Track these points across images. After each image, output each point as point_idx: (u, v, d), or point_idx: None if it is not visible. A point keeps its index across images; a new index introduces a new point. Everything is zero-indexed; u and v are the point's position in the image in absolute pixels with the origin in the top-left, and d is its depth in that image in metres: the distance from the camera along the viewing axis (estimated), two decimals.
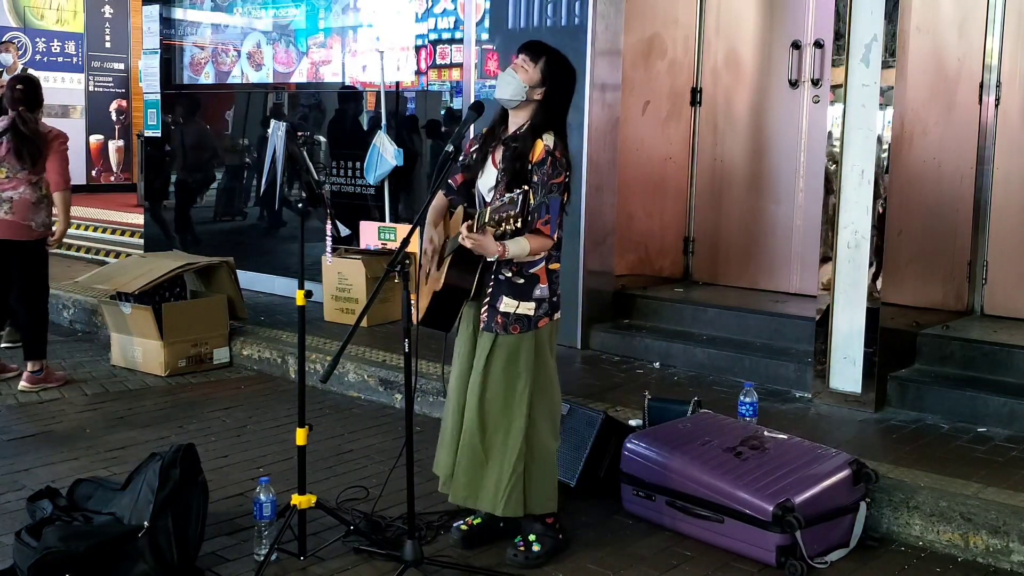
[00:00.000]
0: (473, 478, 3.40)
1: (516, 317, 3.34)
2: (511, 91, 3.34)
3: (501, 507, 3.36)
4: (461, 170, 3.51)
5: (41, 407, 5.17)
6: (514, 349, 3.35)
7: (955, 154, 5.30)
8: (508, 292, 3.35)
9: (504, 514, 3.38)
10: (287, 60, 7.64)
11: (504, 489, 3.34)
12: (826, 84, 5.77)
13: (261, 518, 3.36)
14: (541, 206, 3.27)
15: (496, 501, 3.37)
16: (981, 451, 4.17)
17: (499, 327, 3.35)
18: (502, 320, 3.35)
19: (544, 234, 3.28)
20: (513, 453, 3.35)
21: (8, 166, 5.43)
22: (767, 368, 5.17)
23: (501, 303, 3.35)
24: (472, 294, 3.39)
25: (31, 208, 5.45)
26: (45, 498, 3.51)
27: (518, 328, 3.35)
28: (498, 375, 3.36)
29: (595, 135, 5.76)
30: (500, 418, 3.37)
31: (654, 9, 6.26)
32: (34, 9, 13.73)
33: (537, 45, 3.42)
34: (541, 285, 3.37)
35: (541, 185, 3.28)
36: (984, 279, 5.52)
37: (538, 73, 3.34)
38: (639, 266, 6.43)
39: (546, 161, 3.28)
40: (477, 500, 3.42)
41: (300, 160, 6.69)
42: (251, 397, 5.44)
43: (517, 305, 3.34)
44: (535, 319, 3.36)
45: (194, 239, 8.26)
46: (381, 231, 6.66)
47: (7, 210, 5.42)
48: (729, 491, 3.48)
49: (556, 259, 3.42)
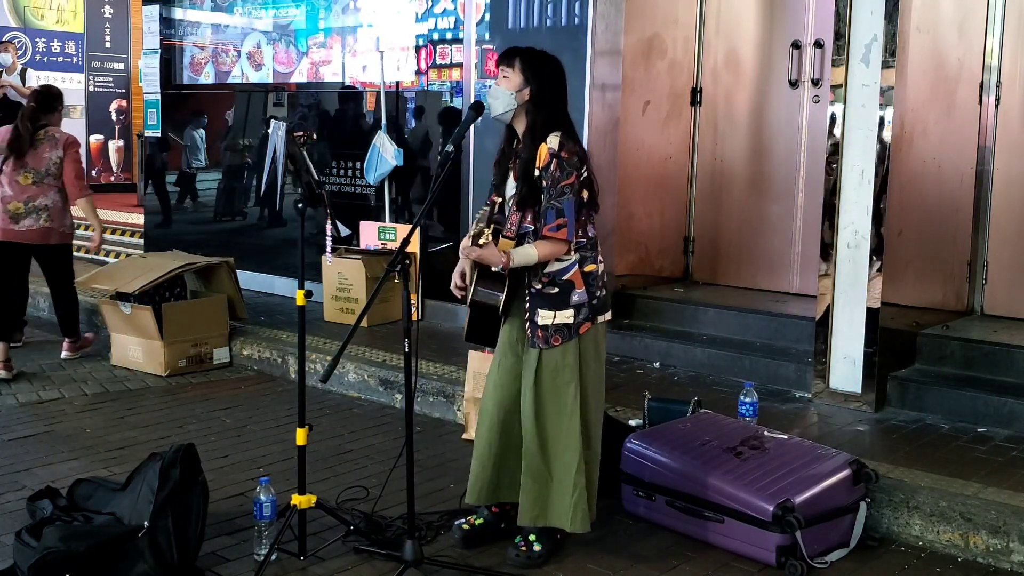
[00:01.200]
0: (540, 497, 3.36)
1: (556, 328, 3.31)
2: (502, 104, 3.32)
3: (571, 523, 3.33)
4: (492, 191, 3.48)
5: (41, 407, 5.18)
6: (558, 361, 3.32)
7: (955, 154, 5.30)
8: (543, 304, 3.31)
9: (573, 530, 3.34)
10: (287, 60, 7.64)
11: (571, 504, 3.32)
12: (826, 84, 5.78)
13: (261, 518, 3.36)
14: (549, 210, 3.23)
15: (567, 518, 3.33)
16: (981, 451, 4.17)
17: (541, 341, 3.31)
18: (543, 334, 3.31)
19: (555, 239, 3.24)
20: (573, 465, 3.32)
21: (33, 172, 5.77)
22: (767, 368, 5.17)
23: (539, 316, 3.31)
24: (502, 310, 3.34)
25: (62, 213, 5.92)
26: (45, 498, 3.51)
27: (559, 339, 3.31)
28: (548, 390, 3.33)
29: (595, 135, 5.76)
30: (557, 433, 3.34)
31: (654, 9, 6.26)
32: (34, 9, 13.73)
33: (508, 51, 3.39)
34: (578, 291, 3.32)
35: (548, 189, 3.24)
36: (984, 279, 5.52)
37: (518, 75, 3.31)
38: (639, 266, 6.43)
39: (551, 164, 3.24)
40: (547, 519, 3.38)
41: (300, 160, 6.69)
42: (251, 397, 5.44)
43: (554, 316, 3.30)
44: (575, 326, 3.32)
45: (194, 239, 8.26)
46: (381, 231, 6.67)
47: (45, 218, 5.82)
48: (729, 491, 3.48)
49: (592, 260, 3.37)
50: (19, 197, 5.75)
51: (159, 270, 5.86)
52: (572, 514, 3.32)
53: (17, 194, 5.75)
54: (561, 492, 3.34)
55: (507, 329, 3.45)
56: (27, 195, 5.75)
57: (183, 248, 6.97)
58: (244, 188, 8.13)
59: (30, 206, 5.76)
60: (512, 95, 3.31)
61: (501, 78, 3.34)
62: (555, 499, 3.35)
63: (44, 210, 5.78)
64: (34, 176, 5.76)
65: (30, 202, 5.76)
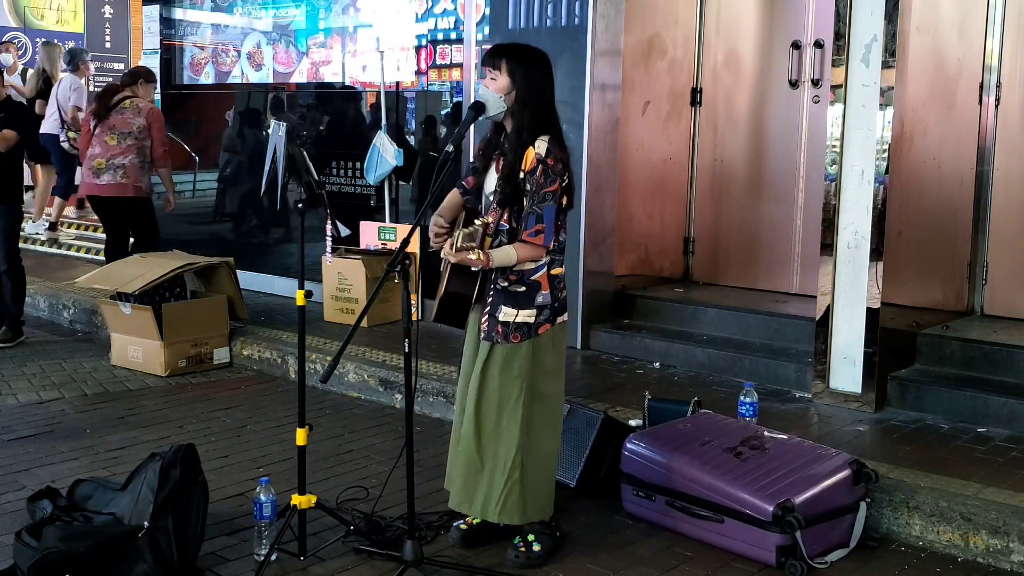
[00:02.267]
0: (468, 484, 3.40)
1: (516, 326, 3.33)
2: (493, 107, 3.31)
3: (495, 514, 3.36)
4: (472, 173, 3.51)
5: (41, 407, 5.18)
6: (510, 357, 3.34)
7: (955, 154, 5.30)
8: (507, 301, 3.33)
9: (499, 520, 3.37)
10: (287, 60, 7.64)
11: (499, 497, 3.34)
12: (826, 84, 5.78)
13: (261, 518, 3.36)
14: (530, 216, 3.24)
15: (489, 508, 3.36)
16: (981, 451, 4.17)
17: (499, 336, 3.33)
18: (502, 330, 3.33)
19: (533, 244, 3.26)
20: (508, 461, 3.34)
21: (119, 134, 6.57)
22: (767, 368, 5.17)
23: (500, 312, 3.33)
24: (475, 299, 3.37)
25: (139, 172, 6.61)
26: (45, 498, 3.51)
27: (519, 336, 3.33)
28: (494, 383, 3.35)
29: (595, 135, 5.76)
30: (496, 426, 3.36)
31: (654, 9, 6.26)
32: (34, 9, 13.74)
33: (494, 51, 3.37)
34: (543, 292, 3.35)
35: (532, 194, 3.25)
36: (984, 279, 5.52)
37: (505, 77, 3.30)
38: (639, 266, 6.43)
39: (536, 170, 3.24)
40: (471, 506, 3.41)
41: (300, 160, 6.70)
42: (251, 397, 5.44)
43: (516, 314, 3.32)
44: (535, 326, 3.35)
45: (194, 239, 8.26)
46: (381, 231, 6.67)
47: (121, 175, 6.55)
48: (729, 491, 3.48)
49: (559, 263, 3.40)
50: (104, 155, 6.55)
51: (159, 270, 5.86)
52: (499, 507, 3.34)
53: (103, 152, 6.55)
54: (491, 483, 3.36)
55: (473, 320, 3.47)
56: (110, 153, 6.54)
57: (183, 248, 6.97)
58: (244, 188, 8.13)
59: (110, 163, 6.54)
60: (501, 97, 3.30)
61: (488, 80, 3.33)
62: (484, 489, 3.37)
63: (121, 168, 6.53)
64: (119, 137, 6.56)
65: (111, 160, 6.54)
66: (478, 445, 3.38)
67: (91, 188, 6.64)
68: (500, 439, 3.36)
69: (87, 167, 6.64)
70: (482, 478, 3.38)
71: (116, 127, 6.58)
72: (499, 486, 3.34)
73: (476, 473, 3.39)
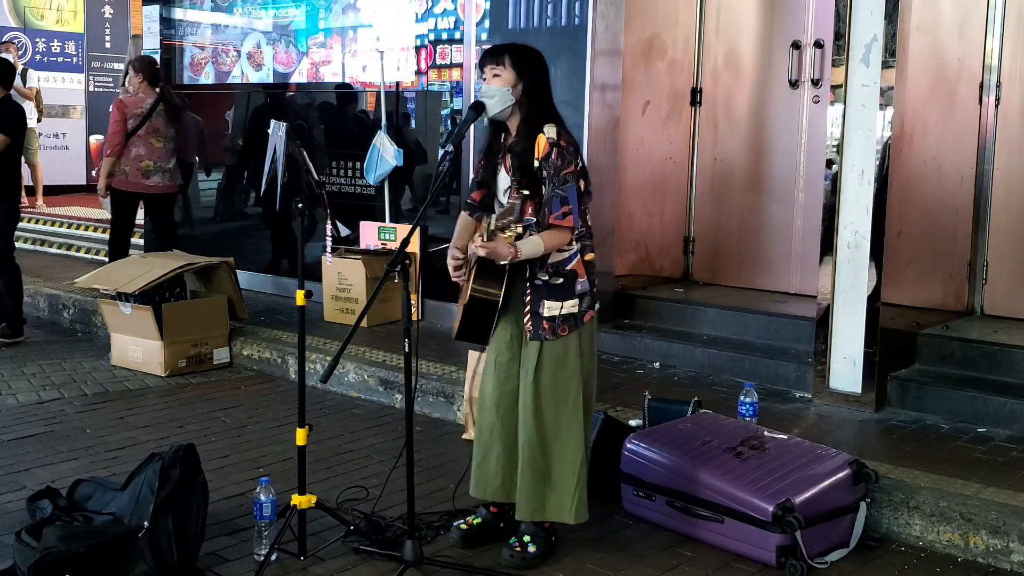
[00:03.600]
0: (537, 491, 3.36)
1: (563, 318, 3.31)
2: (500, 102, 3.32)
3: (572, 515, 3.35)
4: (476, 188, 3.49)
5: (41, 407, 5.18)
6: (562, 353, 3.32)
7: (955, 154, 5.30)
8: (549, 295, 3.31)
9: (576, 521, 3.36)
10: (287, 60, 7.64)
11: (573, 497, 3.33)
12: (826, 84, 5.78)
13: (261, 518, 3.36)
14: (554, 199, 3.24)
15: (564, 511, 3.35)
16: (981, 451, 4.17)
17: (547, 333, 3.31)
18: (549, 325, 3.31)
19: (561, 227, 3.25)
20: (577, 458, 3.34)
21: (165, 137, 6.90)
22: (767, 368, 5.17)
23: (544, 308, 3.31)
24: (502, 304, 3.33)
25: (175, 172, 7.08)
26: (45, 498, 3.51)
27: (567, 329, 3.32)
28: (549, 383, 3.33)
29: (595, 135, 5.76)
30: (557, 427, 3.34)
31: (654, 9, 6.26)
32: (34, 9, 13.73)
33: (495, 49, 3.40)
34: (580, 279, 3.34)
35: (551, 178, 3.25)
36: (984, 279, 5.52)
37: (510, 72, 3.32)
38: (639, 266, 6.43)
39: (551, 153, 3.26)
40: (545, 512, 3.38)
41: (300, 160, 6.69)
42: (251, 397, 5.44)
43: (561, 306, 3.31)
44: (580, 315, 3.34)
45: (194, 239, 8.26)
46: (381, 231, 6.67)
47: (168, 178, 6.97)
48: (729, 491, 3.48)
49: (591, 249, 3.39)
50: (151, 156, 6.85)
51: (159, 270, 5.86)
52: (574, 507, 3.34)
53: (149, 153, 6.83)
54: (562, 486, 3.34)
55: (503, 326, 3.44)
56: (157, 156, 6.87)
57: (183, 248, 6.97)
58: (244, 188, 8.13)
59: (157, 165, 6.87)
60: (508, 91, 3.32)
61: (492, 77, 3.34)
62: (555, 493, 3.36)
63: (169, 171, 6.96)
64: (165, 142, 6.90)
65: (158, 162, 6.87)
66: (543, 451, 3.35)
67: (137, 187, 6.88)
68: (565, 440, 3.34)
69: (134, 167, 6.79)
70: (551, 483, 3.35)
71: (161, 131, 6.86)
72: (571, 487, 3.33)
73: (546, 479, 3.36)
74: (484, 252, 3.18)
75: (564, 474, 3.34)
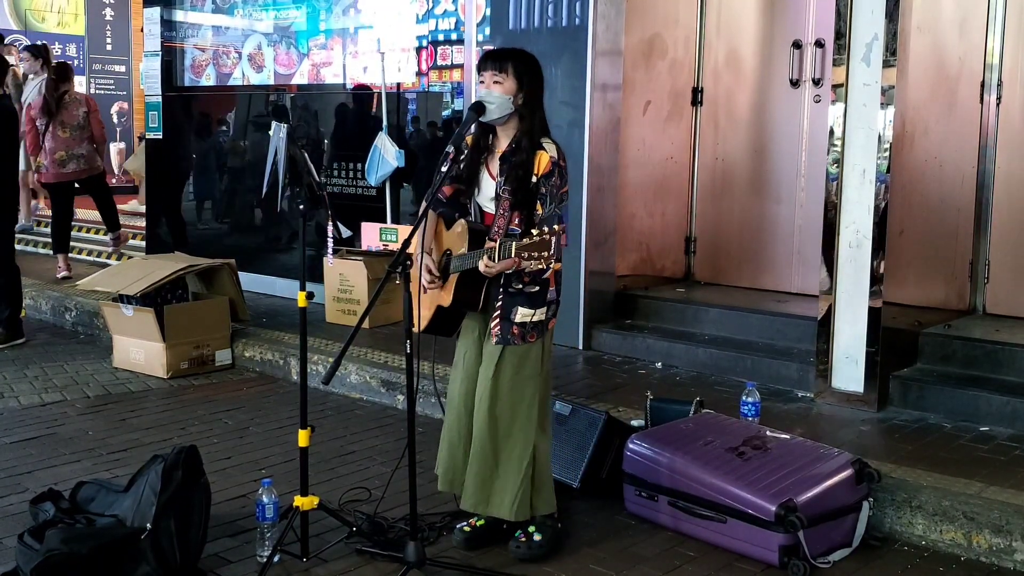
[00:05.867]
0: (484, 486, 3.41)
1: (533, 325, 3.35)
2: (499, 109, 3.31)
3: (512, 512, 3.38)
4: (449, 182, 3.45)
5: (43, 409, 5.18)
6: (523, 357, 3.37)
7: (956, 153, 5.30)
8: (524, 302, 3.34)
9: (516, 519, 3.39)
10: (288, 62, 7.64)
11: (516, 496, 3.37)
12: (827, 83, 5.77)
13: (263, 520, 3.36)
14: (552, 217, 3.28)
15: (505, 507, 3.38)
16: (984, 450, 4.16)
17: (516, 338, 3.34)
18: (519, 331, 3.34)
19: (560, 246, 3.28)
20: (524, 460, 3.37)
21: (71, 127, 7.82)
22: (769, 368, 5.17)
23: (516, 314, 3.34)
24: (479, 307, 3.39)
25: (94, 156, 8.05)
26: (48, 500, 3.51)
27: (535, 336, 3.36)
28: (507, 384, 3.37)
29: (596, 135, 5.76)
30: (511, 426, 3.38)
31: (655, 9, 6.26)
32: (35, 12, 13.75)
33: (498, 55, 3.41)
34: (551, 288, 3.38)
35: (551, 197, 3.30)
36: (986, 278, 5.52)
37: (512, 81, 3.32)
38: (640, 266, 6.43)
39: (553, 173, 3.29)
40: (488, 507, 3.42)
41: (301, 161, 6.70)
42: (253, 399, 5.44)
43: (533, 313, 3.34)
44: (546, 322, 3.39)
45: (196, 241, 8.27)
46: (382, 232, 6.67)
47: (84, 162, 7.92)
48: (732, 491, 3.48)
49: (559, 259, 3.42)
50: (61, 147, 7.75)
51: (161, 272, 5.86)
52: (515, 505, 3.37)
53: (59, 145, 7.74)
54: (507, 483, 3.38)
55: (471, 323, 3.49)
56: (66, 145, 7.77)
57: (185, 250, 6.98)
58: (246, 190, 8.13)
59: (70, 153, 7.79)
60: (508, 100, 3.32)
61: (493, 83, 3.34)
62: (499, 489, 3.40)
63: (82, 157, 7.87)
64: (71, 130, 7.78)
65: (70, 150, 7.78)
66: (493, 447, 3.39)
67: (59, 176, 7.84)
68: (515, 439, 3.38)
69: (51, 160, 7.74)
70: (496, 479, 3.40)
71: (65, 122, 7.77)
72: (515, 485, 3.37)
73: (491, 474, 3.41)
74: (496, 271, 3.20)
75: (510, 472, 3.38)
